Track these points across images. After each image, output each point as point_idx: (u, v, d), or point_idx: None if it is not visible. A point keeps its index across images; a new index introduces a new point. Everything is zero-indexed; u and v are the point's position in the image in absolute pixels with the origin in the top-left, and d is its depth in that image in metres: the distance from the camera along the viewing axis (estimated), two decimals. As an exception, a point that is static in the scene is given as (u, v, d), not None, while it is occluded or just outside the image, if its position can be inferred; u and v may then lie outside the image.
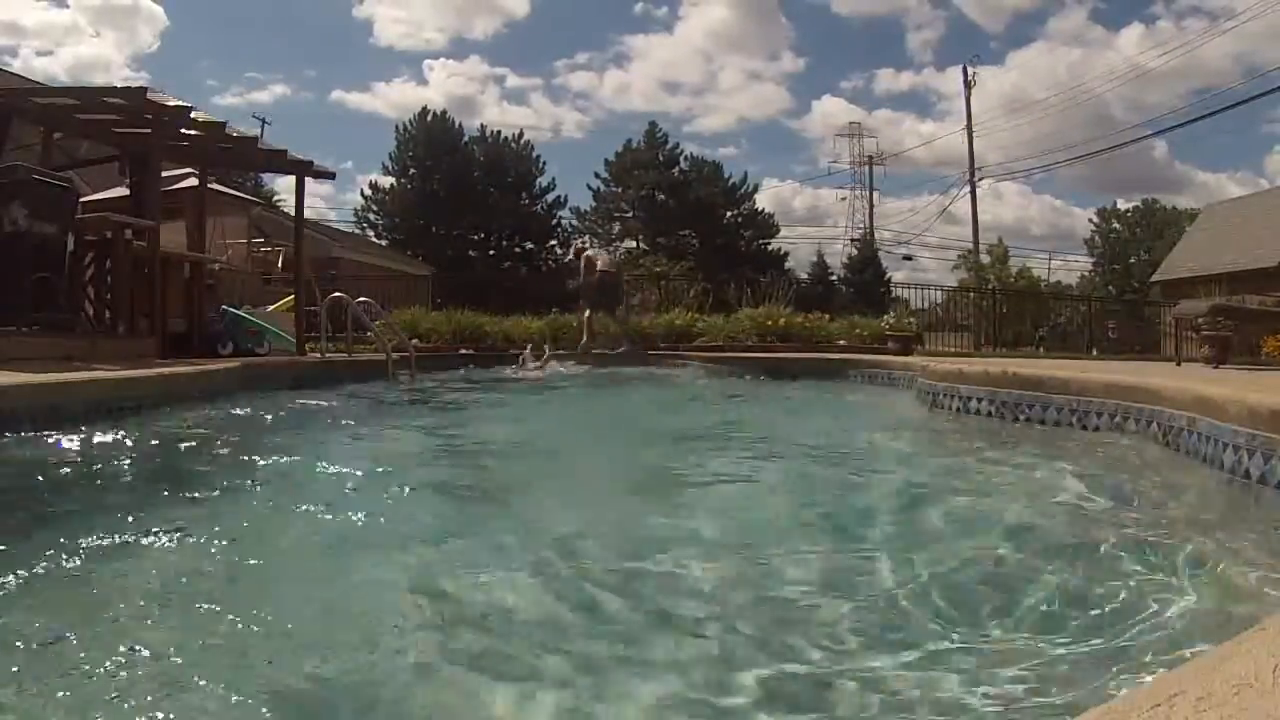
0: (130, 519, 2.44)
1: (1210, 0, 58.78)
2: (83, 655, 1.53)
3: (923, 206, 69.87)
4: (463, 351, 11.53)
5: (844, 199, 48.28)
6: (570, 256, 37.30)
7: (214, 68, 67.40)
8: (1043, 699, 1.40)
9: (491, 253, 43.98)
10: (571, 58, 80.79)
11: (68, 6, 65.86)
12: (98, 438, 3.62)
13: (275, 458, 3.73)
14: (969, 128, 38.77)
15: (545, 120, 61.77)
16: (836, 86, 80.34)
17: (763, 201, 46.50)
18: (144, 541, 2.26)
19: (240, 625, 1.69)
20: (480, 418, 6.35)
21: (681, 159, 46.01)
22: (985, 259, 37.97)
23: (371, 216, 43.54)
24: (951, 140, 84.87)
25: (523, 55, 73.78)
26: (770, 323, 12.47)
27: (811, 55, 68.84)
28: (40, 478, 2.96)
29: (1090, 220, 51.92)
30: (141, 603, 1.84)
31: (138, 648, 1.57)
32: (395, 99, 64.82)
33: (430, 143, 43.07)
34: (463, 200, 41.93)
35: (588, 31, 74.36)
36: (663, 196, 44.40)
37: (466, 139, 44.56)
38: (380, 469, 3.74)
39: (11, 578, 1.88)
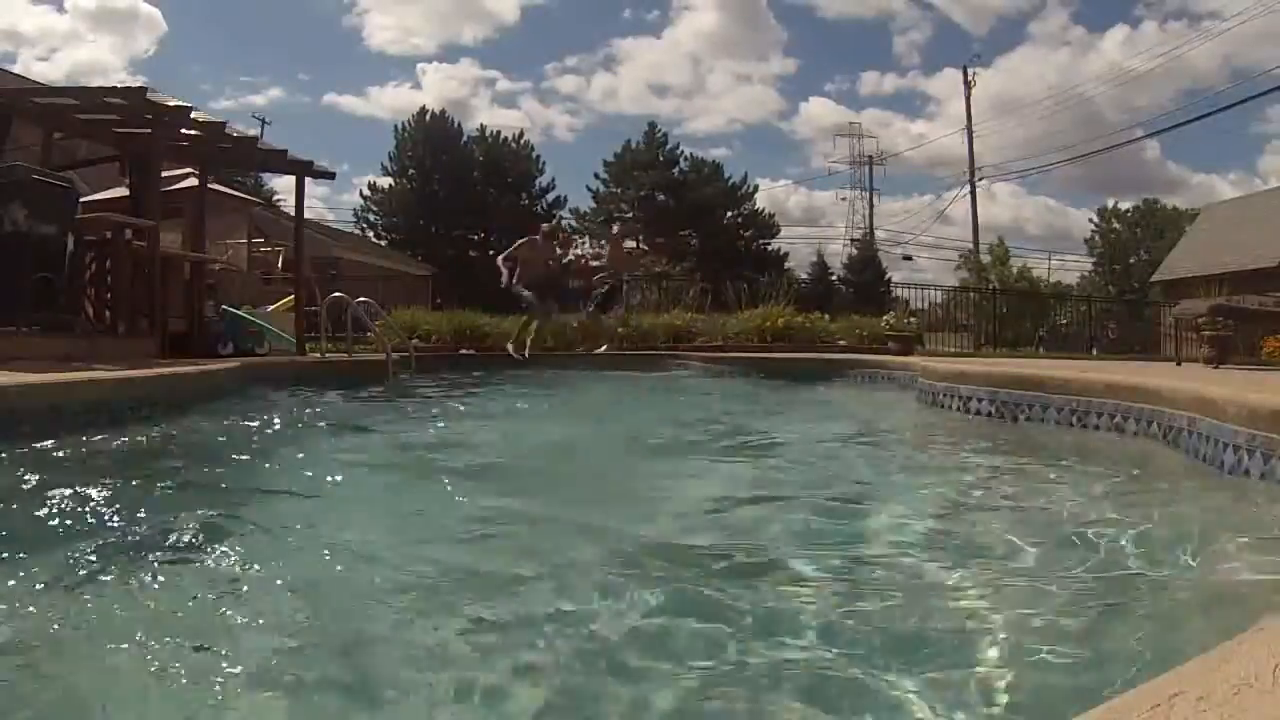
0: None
1: (1195, 3, 58.91)
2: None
3: (916, 209, 69.93)
4: (463, 351, 11.54)
5: (844, 199, 48.28)
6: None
7: (208, 71, 67.24)
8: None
9: (491, 253, 43.92)
10: (561, 61, 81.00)
11: (65, 12, 65.93)
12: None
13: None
14: (969, 128, 38.81)
15: (536, 123, 62.02)
16: (825, 89, 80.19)
17: (758, 202, 46.53)
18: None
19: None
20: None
21: (681, 159, 46.04)
22: (985, 259, 37.94)
23: (371, 217, 43.56)
24: (943, 141, 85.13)
25: (513, 59, 73.82)
26: (770, 323, 12.47)
27: (800, 58, 68.87)
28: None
29: (1090, 220, 51.94)
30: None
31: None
32: (388, 102, 65.04)
33: (429, 143, 43.06)
34: (462, 200, 41.91)
35: (577, 35, 74.32)
36: (662, 197, 44.37)
37: (466, 139, 44.57)
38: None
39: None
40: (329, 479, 3.47)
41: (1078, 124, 64.83)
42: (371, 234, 42.23)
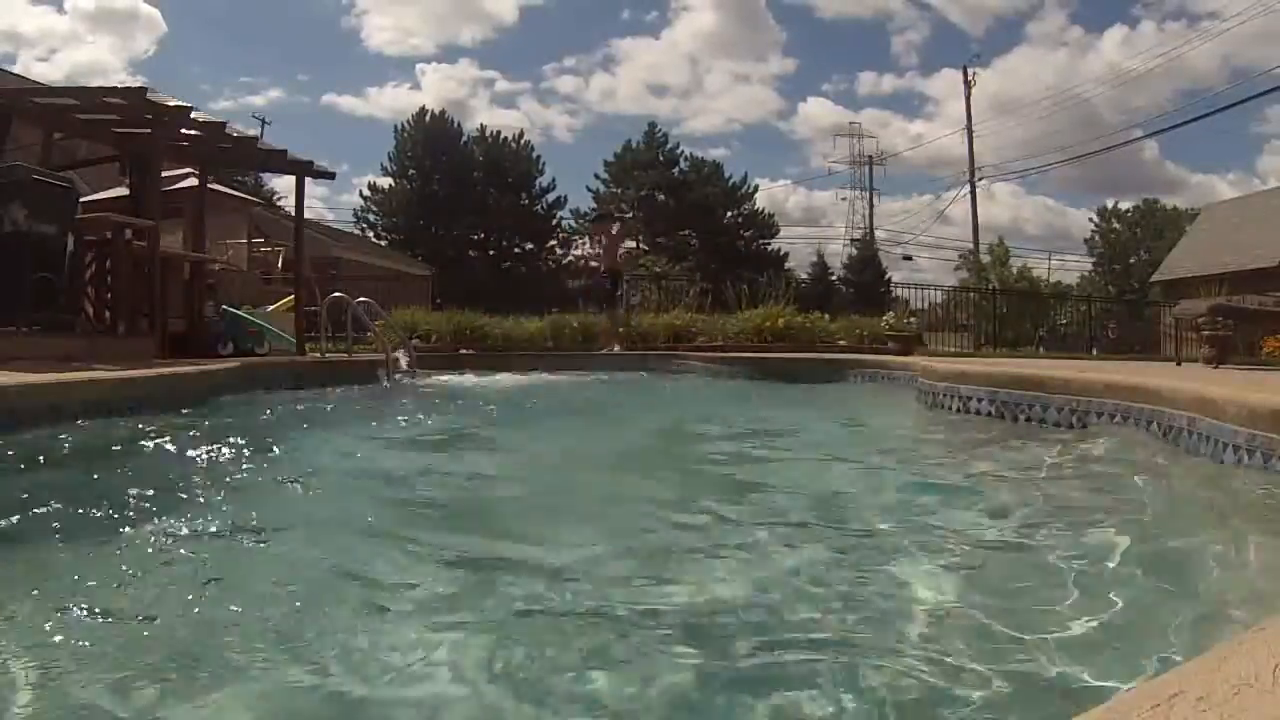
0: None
1: (1193, 3, 58.84)
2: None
3: (915, 209, 69.94)
4: (463, 351, 11.53)
5: (844, 199, 48.27)
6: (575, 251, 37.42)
7: (207, 72, 67.21)
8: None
9: (491, 253, 44.00)
10: (559, 62, 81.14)
11: (65, 13, 65.89)
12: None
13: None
14: (969, 128, 38.79)
15: (535, 123, 62.21)
16: (823, 89, 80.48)
17: (758, 202, 46.49)
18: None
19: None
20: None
21: (681, 159, 46.05)
22: (985, 259, 37.93)
23: (371, 217, 43.58)
24: (941, 141, 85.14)
25: (511, 60, 73.91)
26: (770, 323, 12.47)
27: (798, 58, 69.01)
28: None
29: (1090, 220, 51.96)
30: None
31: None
32: (387, 103, 65.13)
33: (429, 143, 43.08)
34: (462, 200, 41.93)
35: (575, 36, 74.40)
36: (663, 197, 44.39)
37: (466, 139, 44.60)
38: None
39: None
40: (328, 476, 3.47)
41: (1076, 124, 64.92)
42: (371, 234, 42.25)
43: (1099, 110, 61.94)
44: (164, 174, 8.67)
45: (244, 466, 3.50)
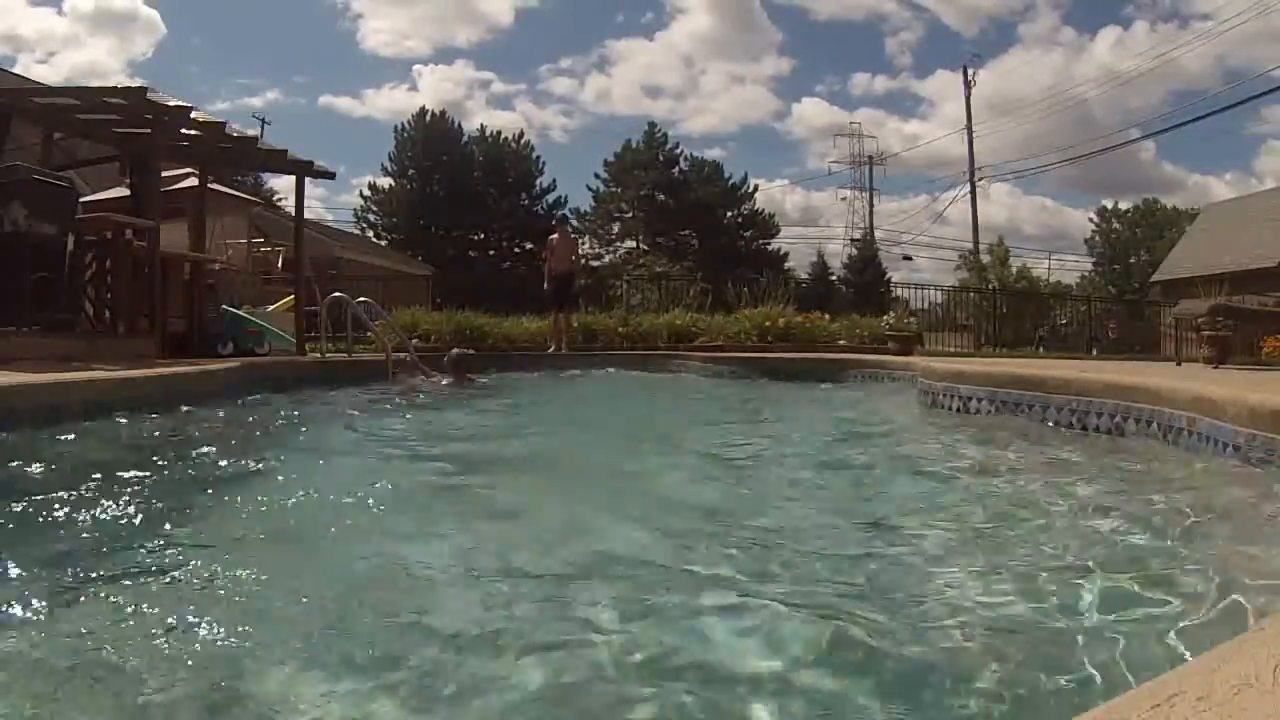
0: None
1: (1185, 5, 58.82)
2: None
3: (912, 209, 70.11)
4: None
5: (843, 199, 48.24)
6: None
7: (205, 74, 67.10)
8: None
9: (491, 253, 43.99)
10: (555, 63, 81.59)
11: (64, 15, 66.00)
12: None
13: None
14: (969, 128, 38.77)
15: (532, 124, 62.57)
16: (818, 90, 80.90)
17: (757, 202, 46.46)
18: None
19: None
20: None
21: (681, 159, 46.05)
22: (985, 259, 37.88)
23: (371, 217, 43.57)
24: (938, 142, 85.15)
25: (507, 62, 74.05)
26: (770, 323, 12.47)
27: (794, 59, 69.26)
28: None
29: (1089, 220, 51.97)
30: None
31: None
32: (384, 104, 65.46)
33: (430, 143, 43.06)
34: (462, 200, 41.92)
35: (571, 37, 74.60)
36: (662, 196, 44.38)
37: (466, 139, 44.59)
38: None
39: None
40: (330, 474, 3.47)
41: (1072, 125, 65.13)
42: (371, 234, 42.24)
43: (1094, 111, 61.98)
44: (164, 174, 8.67)
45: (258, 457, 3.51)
